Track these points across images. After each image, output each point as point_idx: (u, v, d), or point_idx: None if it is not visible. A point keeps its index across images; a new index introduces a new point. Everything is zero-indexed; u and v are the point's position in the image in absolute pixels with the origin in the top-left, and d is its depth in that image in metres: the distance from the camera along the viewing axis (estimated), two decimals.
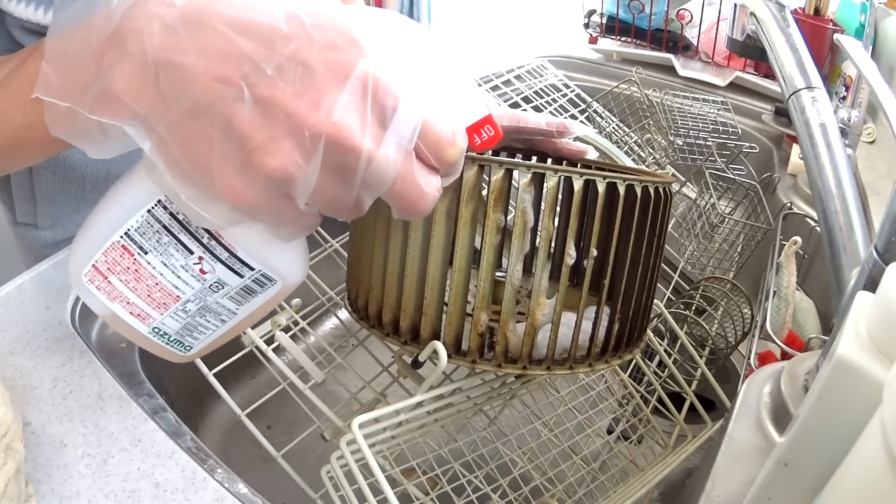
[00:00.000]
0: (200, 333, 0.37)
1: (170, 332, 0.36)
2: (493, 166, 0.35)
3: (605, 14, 1.12)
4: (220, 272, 0.33)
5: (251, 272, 0.33)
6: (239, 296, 0.35)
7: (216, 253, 0.32)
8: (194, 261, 0.32)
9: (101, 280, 0.34)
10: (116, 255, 0.33)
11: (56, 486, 0.37)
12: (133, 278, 0.33)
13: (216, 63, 0.24)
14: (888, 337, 0.23)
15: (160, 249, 0.32)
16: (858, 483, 0.21)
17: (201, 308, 0.35)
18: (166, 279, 0.33)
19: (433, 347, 0.36)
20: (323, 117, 0.24)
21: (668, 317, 0.50)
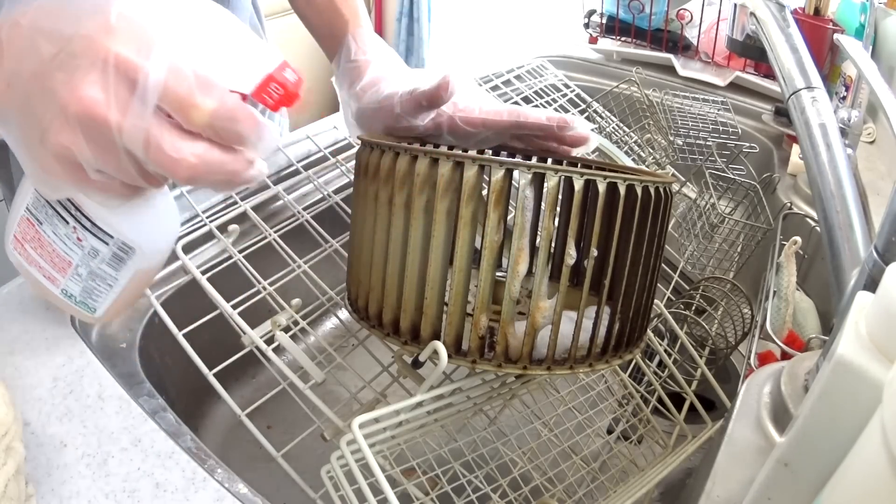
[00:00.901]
0: (97, 296, 0.42)
1: (74, 293, 0.41)
2: (494, 166, 0.35)
3: (605, 14, 1.12)
4: (91, 240, 0.38)
5: (111, 240, 0.38)
6: (113, 262, 0.39)
7: (83, 223, 0.37)
8: (71, 230, 0.38)
9: (20, 248, 0.41)
10: (25, 227, 0.39)
11: (56, 486, 0.37)
12: (38, 245, 0.40)
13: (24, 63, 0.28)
14: (888, 337, 0.23)
15: (49, 220, 0.38)
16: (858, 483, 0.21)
17: (90, 273, 0.40)
18: (58, 246, 0.39)
19: (433, 347, 0.36)
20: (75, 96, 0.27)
21: (668, 317, 0.50)
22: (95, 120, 0.28)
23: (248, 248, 0.58)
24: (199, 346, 0.47)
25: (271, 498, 0.39)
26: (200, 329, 0.49)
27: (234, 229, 0.57)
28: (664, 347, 0.49)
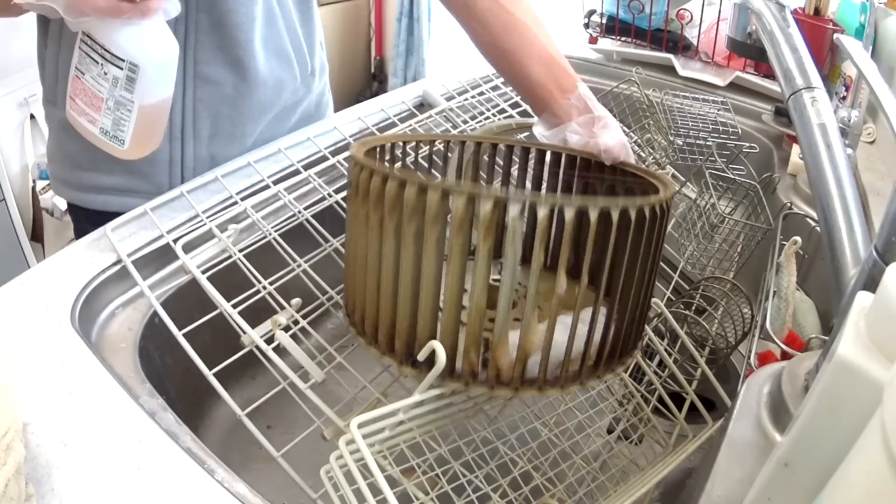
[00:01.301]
0: (124, 125, 0.53)
1: (108, 128, 0.53)
2: (483, 197, 0.34)
3: (605, 14, 1.12)
4: (112, 70, 0.50)
5: (123, 63, 0.50)
6: (128, 85, 0.51)
7: (106, 58, 0.50)
8: (100, 67, 0.50)
9: (74, 105, 0.54)
10: (75, 83, 0.53)
11: (56, 486, 0.37)
12: (84, 94, 0.52)
13: None
14: (888, 337, 0.23)
15: (87, 68, 0.51)
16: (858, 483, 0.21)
17: (115, 103, 0.52)
18: (94, 87, 0.52)
19: (431, 347, 0.36)
20: None
21: (668, 316, 0.50)
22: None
23: (248, 247, 0.58)
24: (199, 346, 0.47)
25: (271, 498, 0.39)
26: (200, 329, 0.49)
27: (233, 228, 0.57)
28: (664, 347, 0.49)
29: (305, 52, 0.72)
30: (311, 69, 0.75)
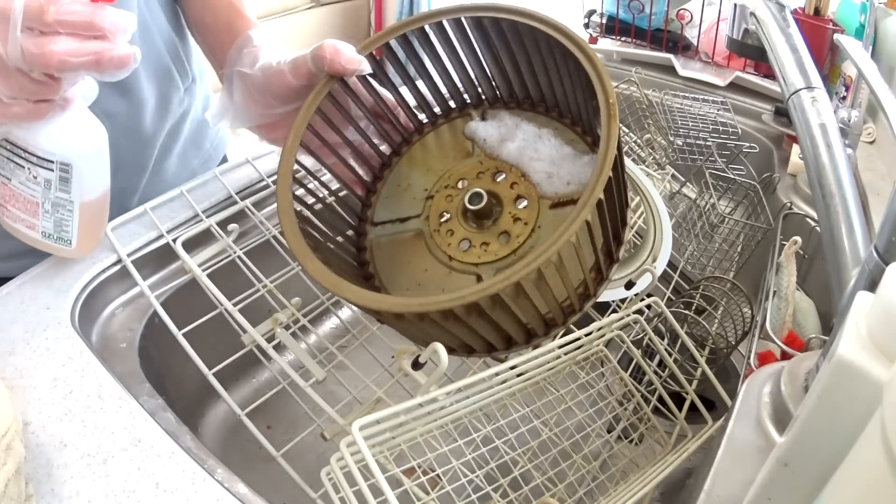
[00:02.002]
0: (67, 226, 0.48)
1: (50, 230, 0.48)
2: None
3: (605, 14, 1.12)
4: (41, 172, 0.45)
5: (52, 164, 0.45)
6: (63, 186, 0.46)
7: (30, 159, 0.45)
8: (27, 172, 0.45)
9: (6, 211, 0.48)
10: (2, 191, 0.47)
11: (56, 486, 0.37)
12: (14, 199, 0.47)
13: None
14: (888, 337, 0.23)
15: (12, 173, 0.46)
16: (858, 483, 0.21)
17: (53, 205, 0.47)
18: (25, 192, 0.46)
19: (434, 349, 0.36)
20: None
21: (668, 316, 0.50)
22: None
23: (248, 246, 0.58)
24: (199, 345, 0.47)
25: (271, 498, 0.39)
26: (200, 329, 0.49)
27: (234, 228, 0.57)
28: (664, 347, 0.49)
29: (184, 61, 0.69)
30: (191, 77, 0.72)
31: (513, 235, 0.45)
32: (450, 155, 0.49)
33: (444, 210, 0.47)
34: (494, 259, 0.44)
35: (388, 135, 0.50)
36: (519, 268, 0.34)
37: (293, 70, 0.47)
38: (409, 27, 0.45)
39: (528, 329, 0.41)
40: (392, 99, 0.49)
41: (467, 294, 0.35)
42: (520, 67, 0.46)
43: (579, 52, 0.40)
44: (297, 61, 0.47)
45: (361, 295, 0.38)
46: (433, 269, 0.46)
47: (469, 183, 0.47)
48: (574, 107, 0.46)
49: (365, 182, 0.51)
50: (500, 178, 0.47)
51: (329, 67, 0.45)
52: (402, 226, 0.49)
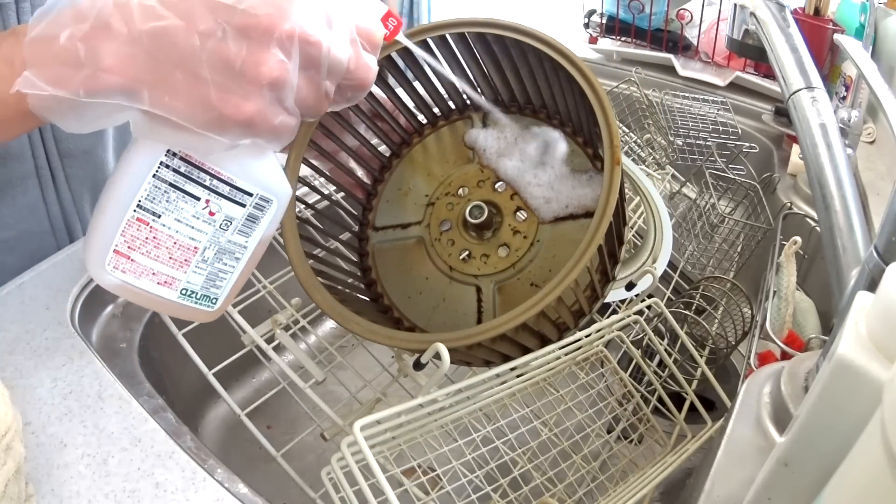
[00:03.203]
0: (222, 280, 0.39)
1: (196, 288, 0.39)
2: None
3: (605, 14, 1.12)
4: (226, 207, 0.37)
5: (251, 198, 0.37)
6: (246, 227, 0.38)
7: (219, 190, 0.36)
8: (202, 206, 0.36)
9: (125, 262, 0.35)
10: (134, 231, 0.35)
11: (56, 486, 0.37)
12: (153, 246, 0.36)
13: (195, 18, 0.30)
14: (888, 337, 0.23)
15: (171, 207, 0.35)
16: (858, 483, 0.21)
17: (217, 252, 0.38)
18: (182, 234, 0.36)
19: (435, 349, 0.36)
20: (291, 23, 0.31)
21: (668, 316, 0.50)
22: (310, 41, 0.32)
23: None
24: (199, 346, 0.47)
25: (271, 498, 0.39)
26: (200, 329, 0.49)
27: None
28: (664, 347, 0.49)
29: None
30: None
31: (512, 248, 0.45)
32: (450, 160, 0.49)
33: (445, 218, 0.47)
34: (494, 271, 0.45)
35: (386, 136, 0.50)
36: (542, 295, 0.36)
37: None
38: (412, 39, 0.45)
39: (543, 336, 0.41)
40: (390, 101, 0.49)
41: (498, 325, 0.36)
42: (522, 77, 0.46)
43: (587, 86, 0.40)
44: None
45: (382, 332, 0.39)
46: (434, 278, 0.46)
47: (470, 191, 0.47)
48: (576, 118, 0.46)
49: (364, 185, 0.51)
50: (500, 186, 0.47)
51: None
52: (403, 232, 0.49)
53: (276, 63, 0.31)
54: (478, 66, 0.47)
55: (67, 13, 0.30)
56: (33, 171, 0.57)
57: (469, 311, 0.45)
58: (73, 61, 0.30)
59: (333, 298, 0.40)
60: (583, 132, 0.46)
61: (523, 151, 0.47)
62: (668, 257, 0.56)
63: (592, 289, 0.43)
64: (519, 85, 0.47)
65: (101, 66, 0.30)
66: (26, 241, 0.58)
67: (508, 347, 0.40)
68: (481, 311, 0.45)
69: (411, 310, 0.47)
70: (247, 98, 0.32)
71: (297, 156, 0.43)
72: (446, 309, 0.46)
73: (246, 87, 0.31)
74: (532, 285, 0.44)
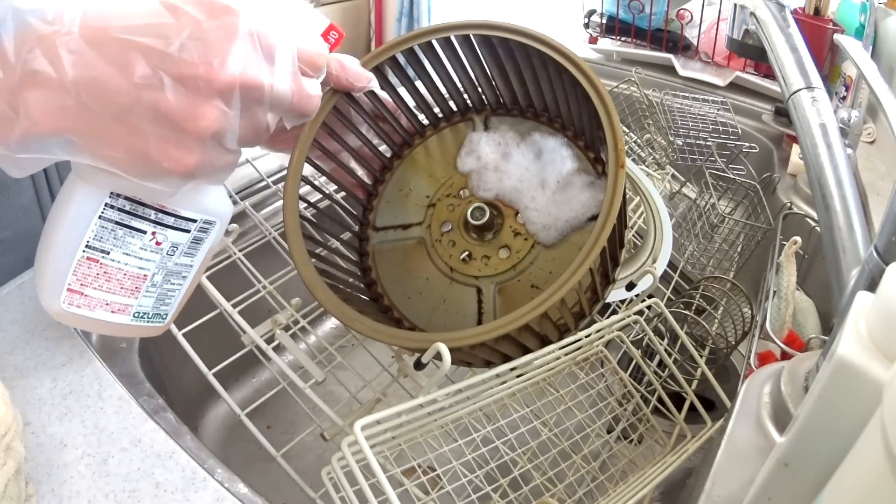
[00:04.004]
0: (171, 298, 0.41)
1: (147, 310, 0.40)
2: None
3: (605, 14, 1.12)
4: (172, 236, 0.38)
5: (194, 224, 0.38)
6: (191, 249, 0.39)
7: (164, 222, 0.37)
8: (149, 238, 0.37)
9: (78, 297, 0.37)
10: (84, 269, 0.36)
11: (56, 486, 0.37)
12: (105, 280, 0.37)
13: (129, 66, 0.29)
14: (888, 337, 0.23)
15: (118, 244, 0.36)
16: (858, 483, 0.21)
17: (165, 275, 0.39)
18: (131, 265, 0.37)
19: (436, 349, 0.36)
20: (231, 70, 0.30)
21: (668, 316, 0.50)
22: (252, 86, 0.31)
23: (248, 247, 0.58)
24: (199, 346, 0.47)
25: (271, 498, 0.39)
26: (200, 329, 0.49)
27: (233, 228, 0.57)
28: (664, 347, 0.49)
29: None
30: None
31: (513, 250, 0.45)
32: (452, 162, 0.49)
33: (446, 220, 0.47)
34: (495, 273, 0.45)
35: (388, 136, 0.50)
36: (546, 295, 0.36)
37: None
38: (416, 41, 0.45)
39: (543, 337, 0.42)
40: (392, 102, 0.49)
41: (502, 324, 0.36)
42: (525, 80, 0.46)
43: (592, 90, 0.40)
44: None
45: (385, 331, 0.39)
46: (434, 279, 0.46)
47: (470, 192, 0.48)
48: (578, 122, 0.46)
49: (365, 185, 0.51)
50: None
51: (336, 83, 0.44)
52: (404, 233, 0.49)
53: (218, 115, 0.31)
54: (481, 68, 0.47)
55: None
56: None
57: (469, 312, 0.45)
58: (4, 114, 0.28)
59: (337, 297, 0.40)
60: (584, 136, 0.46)
61: (522, 163, 0.47)
62: (668, 257, 0.56)
63: (593, 291, 0.43)
64: (522, 88, 0.47)
65: (32, 118, 0.28)
66: (21, 242, 0.58)
67: (510, 348, 0.40)
68: (482, 312, 0.45)
69: (411, 310, 0.47)
70: (189, 150, 0.31)
71: (300, 155, 0.43)
72: (446, 310, 0.46)
73: (187, 140, 0.30)
74: (533, 287, 0.44)
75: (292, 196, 0.43)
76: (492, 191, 0.47)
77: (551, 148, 0.46)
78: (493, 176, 0.47)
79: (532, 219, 0.45)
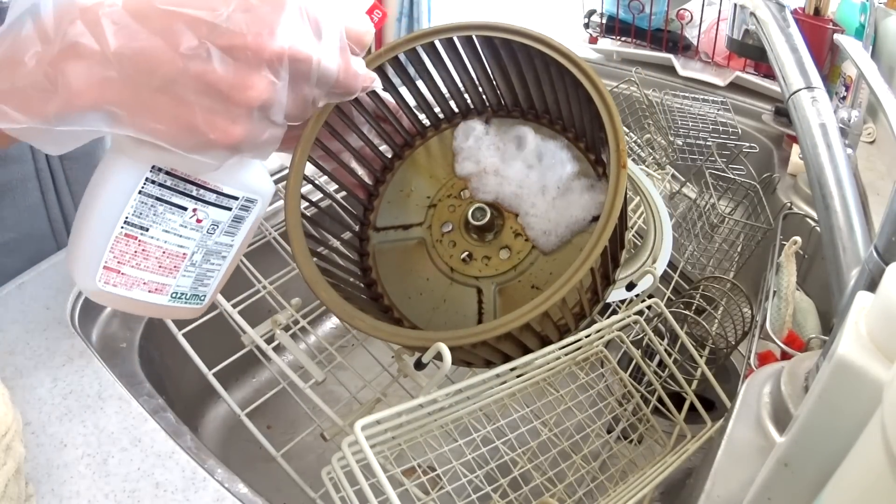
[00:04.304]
0: (209, 278, 0.40)
1: (185, 290, 0.39)
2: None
3: (605, 14, 1.12)
4: (213, 213, 0.37)
5: (236, 202, 0.37)
6: (232, 228, 0.38)
7: (206, 199, 0.36)
8: (189, 215, 0.36)
9: (115, 276, 0.35)
10: (122, 246, 0.35)
11: (56, 486, 0.37)
12: (143, 258, 0.36)
13: (175, 36, 0.28)
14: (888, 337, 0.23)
15: (158, 220, 0.35)
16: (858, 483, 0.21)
17: (205, 254, 0.38)
18: (171, 243, 0.36)
19: (437, 349, 0.36)
20: (280, 42, 0.30)
21: (668, 316, 0.50)
22: (300, 58, 0.31)
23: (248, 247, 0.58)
24: (199, 346, 0.47)
25: (271, 498, 0.39)
26: (200, 329, 0.49)
27: None
28: (664, 347, 0.49)
29: None
30: None
31: (514, 251, 0.45)
32: (453, 163, 0.49)
33: (447, 220, 0.47)
34: (495, 273, 0.45)
35: (389, 137, 0.50)
36: (548, 294, 0.36)
37: None
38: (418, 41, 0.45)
39: (544, 338, 0.42)
40: (393, 102, 0.49)
41: (504, 323, 0.36)
42: (526, 81, 0.46)
43: (594, 91, 0.40)
44: None
45: (387, 329, 0.39)
46: (435, 279, 0.46)
47: (471, 194, 0.48)
48: (579, 123, 0.46)
49: (366, 185, 0.51)
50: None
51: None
52: (404, 233, 0.49)
53: (266, 85, 0.30)
54: (483, 69, 0.47)
55: (31, 32, 0.27)
56: (33, 174, 0.57)
57: (470, 312, 0.45)
58: (42, 86, 0.28)
59: (339, 296, 0.40)
60: (585, 138, 0.46)
61: (520, 167, 0.47)
62: (668, 257, 0.56)
63: (594, 291, 0.43)
64: (523, 89, 0.47)
65: (73, 90, 0.28)
66: (27, 243, 0.58)
67: (511, 347, 0.40)
68: (482, 313, 0.45)
69: (411, 310, 0.47)
70: (235, 121, 0.30)
71: (302, 154, 0.43)
72: (447, 310, 0.46)
73: (234, 110, 0.30)
74: (533, 288, 0.44)
75: (294, 194, 0.43)
76: (491, 194, 0.47)
77: (552, 150, 0.46)
78: (493, 180, 0.47)
79: (532, 224, 0.45)
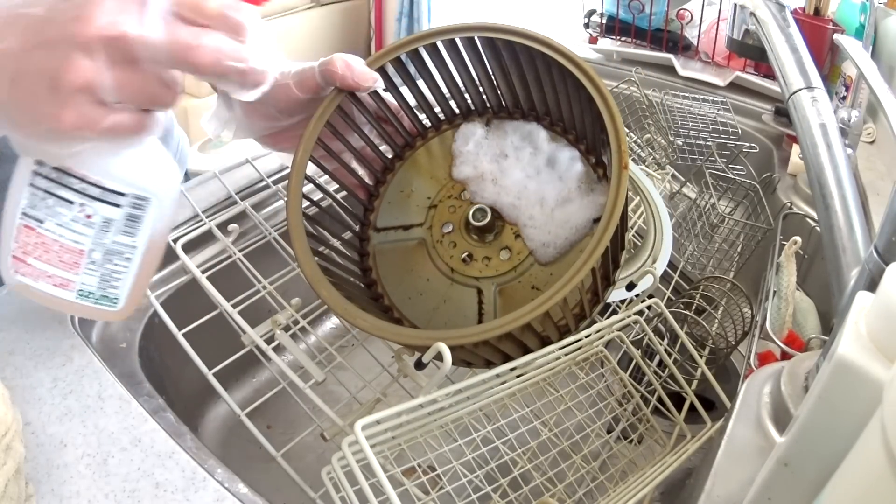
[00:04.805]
0: (117, 280, 0.39)
1: (92, 289, 0.39)
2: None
3: (605, 14, 1.12)
4: (101, 210, 0.36)
5: (124, 198, 0.37)
6: (128, 227, 0.38)
7: (90, 193, 0.36)
8: (77, 209, 0.36)
9: (23, 266, 0.37)
10: (24, 237, 0.37)
11: (56, 486, 0.37)
12: (43, 251, 0.37)
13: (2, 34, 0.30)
14: (888, 337, 0.23)
15: (50, 213, 0.36)
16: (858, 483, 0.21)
17: (106, 253, 0.38)
18: (66, 238, 0.37)
19: (437, 349, 0.36)
20: (95, 23, 0.30)
21: (668, 316, 0.50)
22: (116, 37, 0.30)
23: (248, 247, 0.58)
24: (199, 346, 0.47)
25: (271, 498, 0.39)
26: (200, 329, 0.49)
27: (233, 228, 0.57)
28: (664, 347, 0.49)
29: None
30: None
31: (514, 251, 0.45)
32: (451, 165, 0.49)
33: (447, 221, 0.47)
34: (495, 274, 0.45)
35: (390, 138, 0.50)
36: (549, 294, 0.36)
37: (299, 84, 0.45)
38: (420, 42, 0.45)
39: (545, 338, 0.42)
40: (395, 102, 0.49)
41: (506, 322, 0.36)
42: (528, 83, 0.46)
43: (596, 92, 0.40)
44: (304, 74, 0.45)
45: (389, 329, 0.39)
46: (435, 280, 0.46)
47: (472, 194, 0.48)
48: (580, 125, 0.46)
49: (367, 185, 0.51)
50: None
51: (341, 83, 0.44)
52: (404, 234, 0.49)
53: (82, 67, 0.30)
54: (484, 70, 0.47)
55: None
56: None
57: (470, 312, 0.45)
58: None
59: (340, 295, 0.40)
60: (586, 140, 0.46)
61: (519, 176, 0.47)
62: (668, 257, 0.56)
63: (594, 292, 0.43)
64: (524, 91, 0.47)
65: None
66: None
67: (512, 347, 0.40)
68: (482, 313, 0.45)
69: (411, 310, 0.47)
70: (63, 106, 0.31)
71: (304, 153, 0.43)
72: (447, 310, 0.46)
73: (58, 96, 0.31)
74: (533, 288, 0.44)
75: (296, 193, 0.43)
76: (489, 200, 0.47)
77: (552, 153, 0.46)
78: (491, 188, 0.47)
79: (531, 236, 0.45)
